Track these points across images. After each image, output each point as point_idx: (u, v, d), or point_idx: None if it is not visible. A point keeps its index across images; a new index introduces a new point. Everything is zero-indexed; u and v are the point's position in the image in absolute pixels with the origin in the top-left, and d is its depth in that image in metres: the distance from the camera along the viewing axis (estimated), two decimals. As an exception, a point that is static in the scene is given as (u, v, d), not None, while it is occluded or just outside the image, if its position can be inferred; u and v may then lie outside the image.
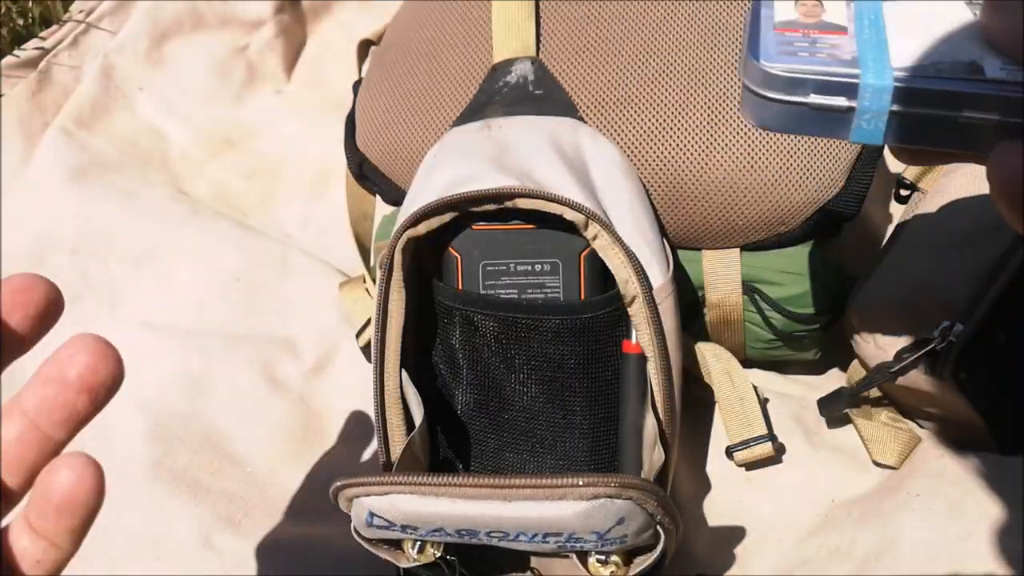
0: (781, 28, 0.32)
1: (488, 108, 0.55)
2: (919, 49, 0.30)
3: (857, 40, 0.31)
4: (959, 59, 0.30)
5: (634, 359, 0.49)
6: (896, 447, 0.54)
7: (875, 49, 0.31)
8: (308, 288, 0.68)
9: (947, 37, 0.31)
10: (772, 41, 0.32)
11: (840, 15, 0.33)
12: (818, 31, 0.32)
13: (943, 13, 0.32)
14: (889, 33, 0.32)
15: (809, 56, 0.31)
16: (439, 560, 0.44)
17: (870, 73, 0.30)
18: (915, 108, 0.30)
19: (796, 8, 0.33)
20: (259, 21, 0.86)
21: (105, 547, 0.54)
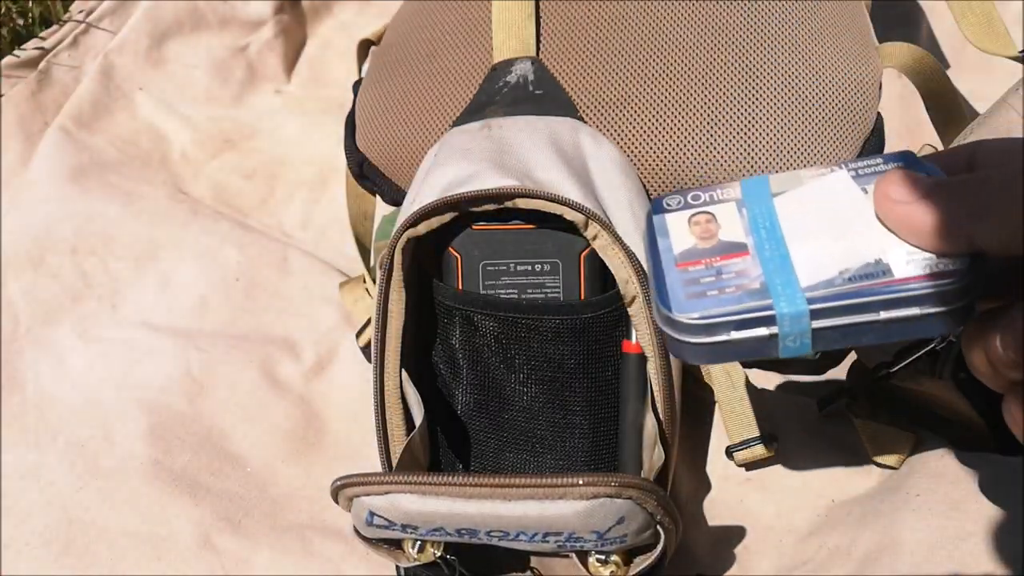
0: (683, 263, 0.32)
1: (488, 108, 0.55)
2: (822, 256, 0.30)
3: (760, 260, 0.31)
4: (864, 258, 0.30)
5: (634, 359, 0.49)
6: (896, 447, 0.54)
7: (780, 270, 0.31)
8: (308, 288, 0.68)
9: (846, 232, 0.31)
10: (678, 283, 0.32)
11: (736, 227, 0.32)
12: (719, 257, 0.32)
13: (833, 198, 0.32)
14: (788, 240, 0.31)
15: (719, 295, 0.31)
16: (439, 560, 0.44)
17: (782, 301, 0.30)
18: (835, 321, 0.30)
19: (691, 230, 0.33)
20: (259, 21, 0.86)
21: (105, 547, 0.54)
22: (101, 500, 0.56)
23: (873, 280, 0.29)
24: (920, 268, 0.29)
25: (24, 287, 0.67)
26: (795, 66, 0.55)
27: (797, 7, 0.57)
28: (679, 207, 0.34)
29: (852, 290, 0.29)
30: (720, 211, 0.33)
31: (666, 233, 0.33)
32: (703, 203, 0.34)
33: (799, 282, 0.30)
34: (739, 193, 0.33)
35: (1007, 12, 0.76)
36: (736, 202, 0.33)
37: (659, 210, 0.34)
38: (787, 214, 0.32)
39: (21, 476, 0.57)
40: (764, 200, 0.33)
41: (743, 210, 0.33)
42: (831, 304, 0.30)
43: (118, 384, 0.61)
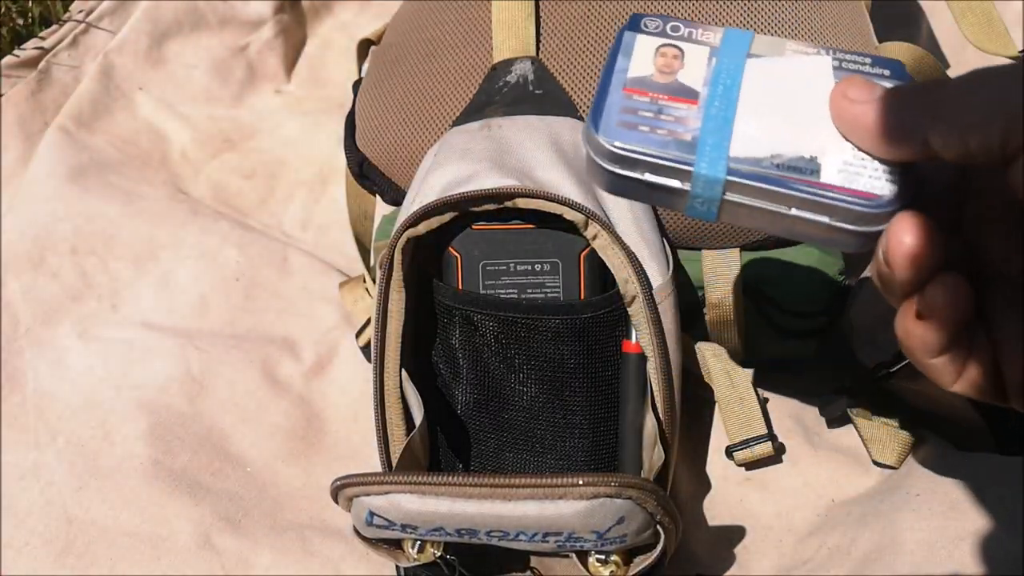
0: (630, 88, 0.32)
1: (488, 108, 0.55)
2: (763, 133, 0.30)
3: (704, 114, 0.31)
4: (800, 151, 0.30)
5: (634, 359, 0.49)
6: (896, 447, 0.54)
7: (717, 130, 0.30)
8: (308, 288, 0.68)
9: (796, 118, 0.30)
10: (616, 108, 0.31)
11: (697, 73, 0.32)
12: (667, 96, 0.31)
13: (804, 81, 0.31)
14: (740, 105, 0.31)
15: (648, 132, 0.30)
16: (439, 560, 0.44)
17: (704, 163, 0.30)
18: (746, 199, 0.30)
19: (655, 59, 0.32)
20: (259, 21, 0.86)
21: (105, 547, 0.54)
22: (101, 500, 0.56)
23: (798, 175, 0.29)
24: (847, 180, 0.29)
25: (24, 287, 0.67)
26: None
27: (797, 7, 0.57)
28: (655, 31, 0.33)
29: (774, 176, 0.29)
30: (691, 51, 0.32)
31: (629, 54, 0.33)
32: (679, 36, 0.33)
33: (728, 149, 0.30)
34: (718, 41, 0.32)
35: (1007, 12, 0.76)
36: (711, 49, 0.32)
37: (634, 26, 0.33)
38: (752, 79, 0.31)
39: (21, 476, 0.57)
40: (738, 56, 0.32)
41: (713, 59, 0.32)
42: (748, 182, 0.29)
43: (118, 384, 0.61)
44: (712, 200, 0.30)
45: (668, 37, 0.33)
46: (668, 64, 0.32)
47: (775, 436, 0.55)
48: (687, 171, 0.30)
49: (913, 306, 0.28)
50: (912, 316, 0.28)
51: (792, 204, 0.29)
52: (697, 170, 0.30)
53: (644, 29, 0.33)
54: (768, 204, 0.30)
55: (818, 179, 0.29)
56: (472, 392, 0.50)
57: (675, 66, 0.32)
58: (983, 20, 0.61)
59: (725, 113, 0.31)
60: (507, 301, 0.49)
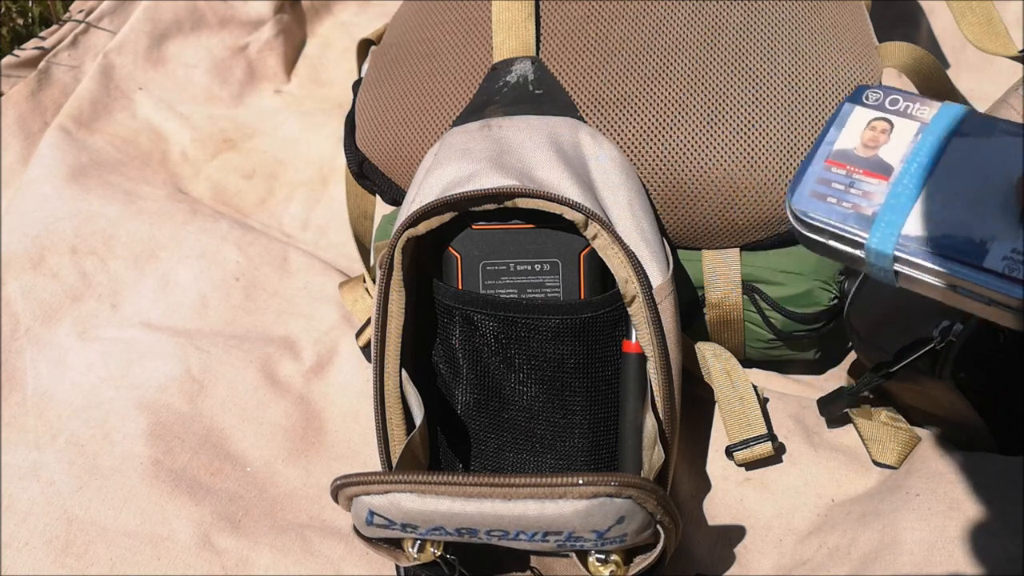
0: (832, 160, 0.35)
1: (488, 108, 0.55)
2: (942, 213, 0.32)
3: (891, 191, 0.33)
4: (971, 234, 0.32)
5: (634, 359, 0.49)
6: (896, 447, 0.54)
7: (898, 208, 0.33)
8: (308, 288, 0.68)
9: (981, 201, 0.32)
10: (813, 178, 0.35)
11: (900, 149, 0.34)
12: (863, 171, 0.34)
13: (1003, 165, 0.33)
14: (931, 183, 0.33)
15: (835, 204, 0.34)
16: (439, 559, 0.44)
17: (875, 238, 0.33)
18: (914, 273, 0.32)
19: (863, 132, 0.35)
20: (259, 21, 0.86)
21: (105, 547, 0.54)
22: (101, 500, 0.56)
23: (963, 257, 0.31)
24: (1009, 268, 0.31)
25: (24, 287, 0.67)
26: (795, 66, 0.55)
27: (797, 7, 0.57)
28: (874, 104, 0.36)
29: (940, 256, 0.32)
30: (900, 126, 0.35)
31: (843, 125, 0.36)
32: (895, 111, 0.35)
33: (902, 227, 0.33)
34: (930, 116, 0.35)
35: (1007, 12, 0.76)
36: (920, 125, 0.35)
37: (856, 99, 0.36)
38: (950, 159, 0.34)
39: (21, 476, 0.57)
40: (942, 134, 0.34)
41: (918, 136, 0.34)
42: (915, 259, 0.32)
43: (118, 384, 0.61)
44: (885, 270, 0.33)
45: (885, 111, 0.36)
46: (875, 139, 0.35)
47: (775, 436, 0.55)
48: (861, 242, 0.33)
49: None
50: None
51: (954, 285, 0.32)
52: (868, 244, 0.33)
53: (864, 102, 0.36)
54: (932, 279, 0.32)
55: (980, 264, 0.31)
56: (472, 392, 0.50)
57: (880, 140, 0.35)
58: (983, 20, 0.61)
59: (910, 191, 0.33)
60: (507, 301, 0.49)
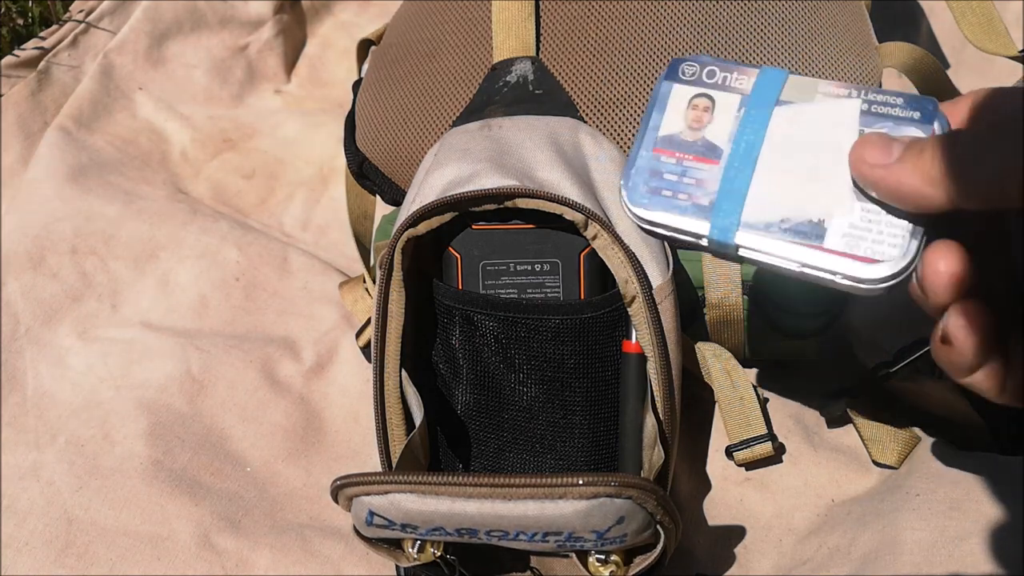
0: (660, 149, 0.34)
1: (488, 108, 0.55)
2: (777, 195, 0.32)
3: (723, 175, 0.33)
4: (808, 215, 0.32)
5: (634, 359, 0.49)
6: (896, 447, 0.54)
7: (733, 193, 0.33)
8: (308, 288, 0.68)
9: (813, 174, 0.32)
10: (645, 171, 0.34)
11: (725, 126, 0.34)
12: (692, 157, 0.34)
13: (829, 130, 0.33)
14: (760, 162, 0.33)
15: (671, 198, 0.33)
16: (439, 559, 0.44)
17: (716, 229, 0.33)
18: (756, 256, 0.32)
19: (686, 112, 0.35)
20: (259, 21, 0.86)
21: (105, 547, 0.54)
22: (101, 500, 0.56)
23: (803, 240, 0.31)
24: (849, 245, 0.31)
25: (24, 287, 0.67)
26: (795, 65, 0.55)
27: (797, 7, 0.57)
28: (691, 78, 0.35)
29: (781, 240, 0.32)
30: (721, 101, 0.34)
31: (664, 107, 0.35)
32: (714, 84, 0.35)
33: (741, 215, 0.32)
34: (750, 86, 0.34)
35: (1007, 12, 0.76)
36: (742, 97, 0.34)
37: (672, 75, 0.35)
38: (776, 131, 0.33)
39: (21, 476, 0.57)
40: (765, 105, 0.34)
41: (741, 110, 0.34)
42: (757, 245, 0.32)
43: (118, 384, 0.61)
44: (727, 254, 0.33)
45: (703, 85, 0.35)
46: (698, 118, 0.34)
47: (775, 436, 0.55)
48: (703, 234, 0.33)
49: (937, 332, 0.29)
50: (938, 341, 0.29)
51: (799, 264, 0.32)
52: (710, 235, 0.33)
53: (681, 77, 0.35)
54: (778, 262, 0.32)
55: (821, 244, 0.31)
56: (472, 392, 0.50)
57: (704, 120, 0.34)
58: (983, 20, 0.61)
59: (743, 173, 0.33)
60: (507, 301, 0.49)
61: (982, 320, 0.28)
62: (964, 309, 0.28)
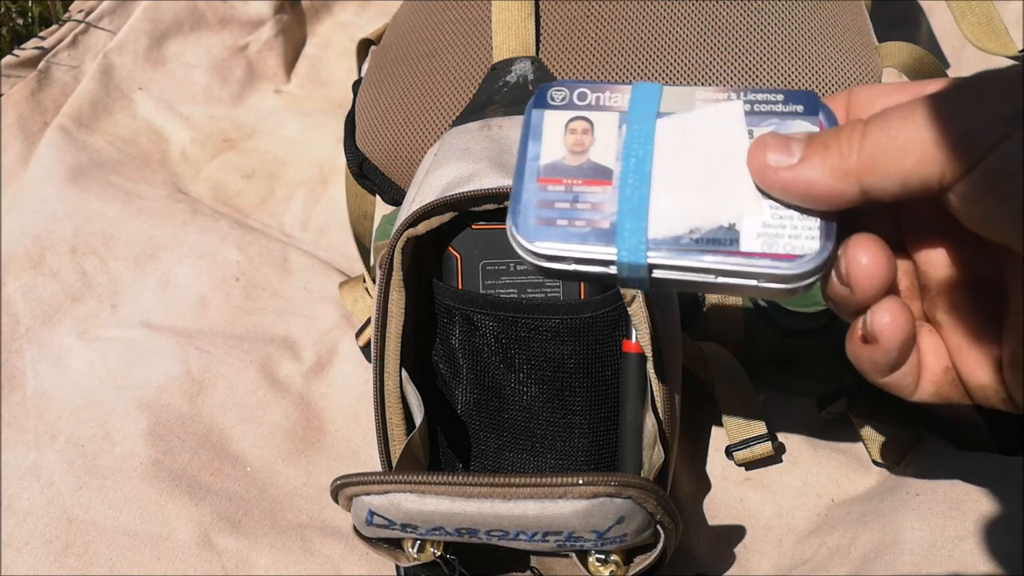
0: (544, 178, 0.31)
1: (488, 107, 0.55)
2: (679, 207, 0.30)
3: (618, 196, 0.30)
4: (717, 221, 0.29)
5: (634, 359, 0.49)
6: (896, 447, 0.54)
7: (633, 212, 0.30)
8: (308, 288, 0.68)
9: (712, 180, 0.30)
10: (532, 203, 0.31)
11: (609, 146, 0.31)
12: (581, 181, 0.31)
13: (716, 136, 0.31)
14: (654, 178, 0.30)
15: (567, 226, 0.30)
16: (439, 559, 0.44)
17: (624, 251, 0.30)
18: (672, 275, 0.30)
19: (564, 137, 0.32)
20: (259, 21, 0.86)
21: (105, 547, 0.54)
22: (101, 500, 0.56)
23: (718, 247, 0.29)
24: (767, 245, 0.29)
25: (24, 287, 0.67)
26: (794, 66, 0.55)
27: (797, 7, 0.57)
28: (562, 103, 0.32)
29: (694, 251, 0.29)
30: (600, 121, 0.32)
31: (539, 136, 0.32)
32: (587, 106, 0.32)
33: (647, 232, 0.30)
34: (626, 102, 0.32)
35: (1007, 12, 0.76)
36: (620, 115, 0.32)
37: (541, 103, 0.32)
38: (664, 144, 0.31)
39: (21, 476, 0.57)
40: (647, 119, 0.31)
41: (623, 127, 0.31)
42: (671, 261, 0.29)
43: (118, 384, 0.61)
44: (640, 280, 0.30)
45: (576, 108, 0.32)
46: (579, 142, 0.32)
47: (775, 436, 0.55)
48: (610, 260, 0.30)
49: (857, 331, 0.29)
50: (858, 340, 0.29)
51: (716, 274, 0.29)
52: (619, 259, 0.30)
53: (551, 103, 0.32)
54: (694, 277, 0.30)
55: (737, 248, 0.29)
56: (472, 392, 0.50)
57: (586, 142, 0.32)
58: (983, 20, 0.61)
59: (640, 190, 0.30)
60: (507, 301, 0.49)
61: (907, 315, 0.28)
62: (890, 306, 0.28)
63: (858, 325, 0.29)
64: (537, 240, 0.30)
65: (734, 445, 0.55)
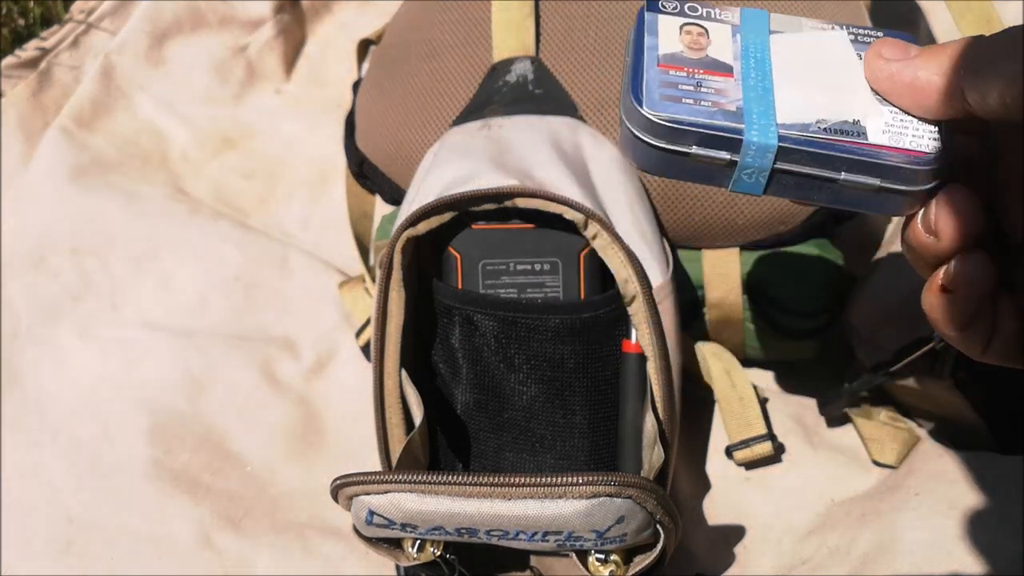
0: (665, 64, 0.31)
1: (488, 107, 0.55)
2: (804, 101, 0.30)
3: (743, 85, 0.31)
4: (843, 115, 0.30)
5: (634, 359, 0.49)
6: (896, 447, 0.54)
7: (760, 100, 0.30)
8: (308, 288, 0.68)
9: (832, 86, 0.31)
10: (655, 82, 0.31)
11: (726, 49, 0.32)
12: (703, 71, 0.31)
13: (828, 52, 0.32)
14: (775, 77, 0.31)
15: (693, 104, 0.30)
16: (439, 559, 0.44)
17: (754, 130, 0.29)
18: (797, 167, 0.29)
19: (680, 37, 0.32)
20: (259, 21, 0.86)
21: (105, 547, 0.54)
22: (101, 499, 0.56)
23: (846, 137, 0.29)
24: (894, 140, 0.29)
25: (24, 287, 0.67)
26: (795, 66, 0.55)
27: (796, 7, 0.57)
28: (674, 11, 0.33)
29: (823, 140, 0.29)
30: (714, 29, 0.33)
31: (655, 32, 0.32)
32: (699, 16, 0.33)
33: (776, 117, 0.30)
34: (737, 19, 0.33)
35: (1007, 12, 0.76)
36: (732, 27, 0.32)
37: (653, 7, 0.33)
38: (779, 53, 0.32)
39: (21, 475, 0.57)
40: (760, 33, 0.32)
41: (737, 36, 0.32)
42: (799, 148, 0.29)
43: (118, 384, 0.61)
44: (762, 170, 0.30)
45: (688, 16, 0.33)
46: (695, 41, 0.32)
47: (775, 436, 0.55)
48: (737, 140, 0.30)
49: (938, 280, 0.29)
50: (937, 290, 0.29)
51: (842, 168, 0.29)
52: (748, 138, 0.29)
53: (663, 9, 0.33)
54: (818, 170, 0.29)
55: (866, 140, 0.29)
56: (472, 392, 0.50)
57: (702, 43, 0.32)
58: (982, 20, 0.61)
59: (763, 83, 0.31)
60: (507, 301, 0.49)
61: (991, 270, 0.28)
62: (976, 256, 0.28)
63: (939, 274, 0.29)
64: (664, 111, 0.30)
65: (734, 445, 0.55)
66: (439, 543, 0.44)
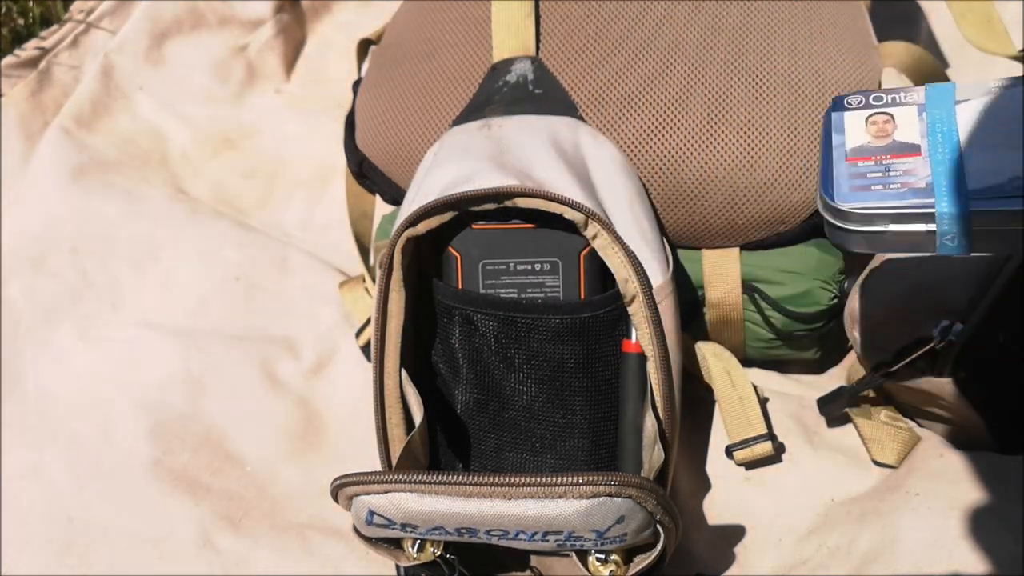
0: (853, 158, 0.34)
1: (488, 107, 0.55)
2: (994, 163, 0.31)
3: (931, 160, 0.32)
4: None
5: (634, 358, 0.49)
6: (896, 446, 0.54)
7: (950, 172, 0.32)
8: (308, 288, 0.68)
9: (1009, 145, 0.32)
10: (844, 175, 0.33)
11: (912, 129, 0.33)
12: (890, 155, 0.33)
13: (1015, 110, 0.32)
14: (964, 144, 0.32)
15: (883, 190, 0.32)
16: (439, 559, 0.44)
17: (944, 201, 0.31)
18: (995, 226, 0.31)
19: (867, 129, 0.34)
20: (259, 21, 0.86)
21: (105, 547, 0.54)
22: (101, 499, 0.56)
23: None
24: None
25: (24, 287, 0.67)
26: (795, 65, 0.55)
27: (797, 6, 0.57)
28: (859, 106, 0.35)
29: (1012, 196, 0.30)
30: (900, 113, 0.34)
31: (841, 130, 0.35)
32: (884, 104, 0.35)
33: (967, 184, 0.31)
34: (922, 98, 0.34)
35: (1007, 12, 0.76)
36: (918, 106, 0.34)
37: (838, 107, 0.36)
38: (967, 121, 0.33)
39: (21, 475, 0.57)
40: (946, 106, 0.34)
41: (923, 114, 0.34)
42: (995, 208, 0.30)
43: (118, 384, 0.61)
44: (960, 234, 0.31)
45: (873, 108, 0.35)
46: (881, 130, 0.34)
47: (775, 436, 0.55)
48: (929, 213, 0.31)
49: None
50: None
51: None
52: (939, 209, 0.31)
53: (848, 107, 0.36)
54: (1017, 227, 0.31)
55: None
56: (472, 392, 0.50)
57: (888, 129, 0.34)
58: (983, 20, 0.61)
59: (951, 155, 0.32)
60: (507, 301, 0.49)
61: None
62: None
63: None
64: (854, 202, 0.32)
65: (734, 445, 0.55)
66: (439, 543, 0.44)
